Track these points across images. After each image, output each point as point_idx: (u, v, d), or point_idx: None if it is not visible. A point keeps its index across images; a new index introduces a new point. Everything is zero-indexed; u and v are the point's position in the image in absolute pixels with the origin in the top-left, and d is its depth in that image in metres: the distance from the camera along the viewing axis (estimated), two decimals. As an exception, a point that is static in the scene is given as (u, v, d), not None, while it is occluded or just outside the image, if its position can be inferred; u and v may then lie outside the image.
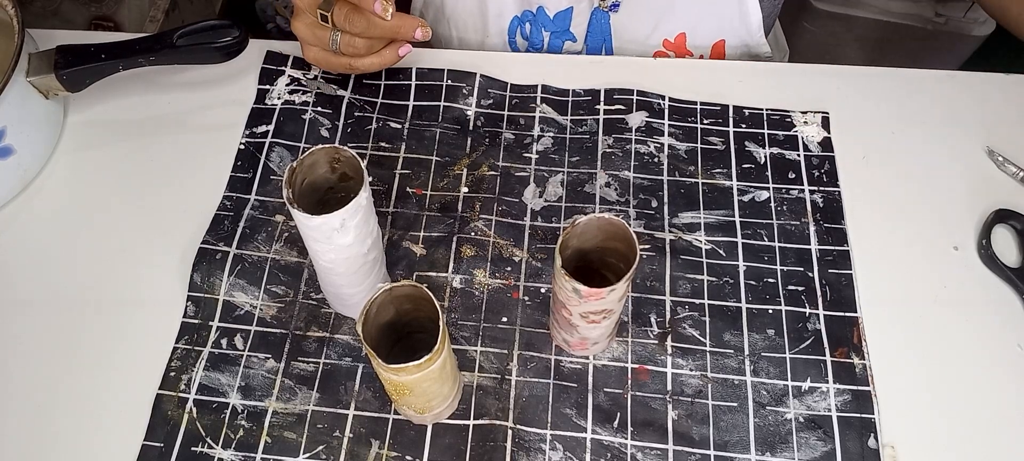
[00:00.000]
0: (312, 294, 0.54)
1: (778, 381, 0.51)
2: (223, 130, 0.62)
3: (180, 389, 0.50)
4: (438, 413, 0.48)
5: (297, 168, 0.44)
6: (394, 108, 0.63)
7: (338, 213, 0.43)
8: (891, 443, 0.49)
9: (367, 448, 0.49)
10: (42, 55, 0.57)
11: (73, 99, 0.64)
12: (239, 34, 0.58)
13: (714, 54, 0.73)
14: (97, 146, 0.62)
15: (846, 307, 0.53)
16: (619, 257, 0.46)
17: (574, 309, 0.46)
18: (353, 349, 0.52)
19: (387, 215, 0.58)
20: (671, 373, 0.51)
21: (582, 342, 0.50)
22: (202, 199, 0.58)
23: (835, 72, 0.65)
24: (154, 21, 1.26)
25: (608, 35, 0.72)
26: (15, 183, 0.59)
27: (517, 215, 0.58)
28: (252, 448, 0.49)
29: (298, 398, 0.50)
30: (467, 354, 0.52)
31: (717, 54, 0.73)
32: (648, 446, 0.49)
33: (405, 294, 0.43)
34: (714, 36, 0.71)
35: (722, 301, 0.54)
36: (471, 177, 0.59)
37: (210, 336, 0.52)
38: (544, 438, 0.49)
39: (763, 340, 0.52)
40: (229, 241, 0.56)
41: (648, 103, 0.63)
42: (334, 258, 0.46)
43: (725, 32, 0.71)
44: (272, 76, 0.64)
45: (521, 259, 0.56)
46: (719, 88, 0.64)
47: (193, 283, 0.54)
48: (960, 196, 0.58)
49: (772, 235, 0.57)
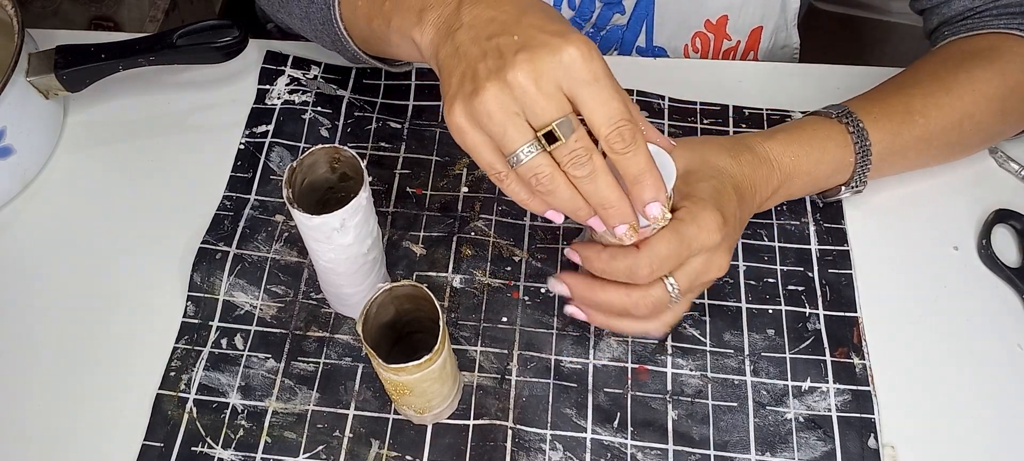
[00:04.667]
0: (312, 294, 0.54)
1: (778, 381, 0.51)
2: (223, 130, 0.62)
3: (180, 389, 0.50)
4: (438, 413, 0.48)
5: (297, 168, 0.44)
6: (394, 108, 0.63)
7: (338, 213, 0.43)
8: (891, 443, 0.49)
9: (367, 448, 0.49)
10: (42, 55, 0.57)
11: (73, 99, 0.64)
12: (239, 34, 0.58)
13: (750, 41, 0.72)
14: (97, 146, 0.62)
15: (846, 307, 0.53)
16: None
17: None
18: (353, 349, 0.52)
19: (387, 215, 0.58)
20: (671, 373, 0.51)
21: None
22: (202, 199, 0.58)
23: (835, 72, 0.65)
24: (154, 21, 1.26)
25: (651, 10, 0.70)
26: (15, 183, 0.59)
27: (517, 215, 0.58)
28: (252, 448, 0.49)
29: (298, 398, 0.50)
30: (467, 354, 0.52)
31: (753, 41, 0.72)
32: (648, 446, 0.49)
33: (405, 294, 0.43)
34: (754, 21, 0.70)
35: (722, 301, 0.54)
36: (471, 177, 0.59)
37: (210, 336, 0.52)
38: (544, 438, 0.49)
39: (763, 340, 0.52)
40: (229, 241, 0.56)
41: (648, 103, 0.63)
42: (334, 258, 0.46)
43: (765, 18, 0.70)
44: (272, 76, 0.64)
45: (521, 259, 0.56)
46: (719, 88, 0.64)
47: (193, 283, 0.54)
48: (960, 196, 0.58)
49: (772, 235, 0.56)
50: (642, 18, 0.70)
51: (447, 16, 0.43)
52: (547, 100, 0.38)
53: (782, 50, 0.74)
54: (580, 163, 0.39)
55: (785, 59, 0.74)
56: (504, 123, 0.38)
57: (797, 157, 0.51)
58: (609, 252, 0.44)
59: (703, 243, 0.44)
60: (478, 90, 0.38)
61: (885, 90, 0.55)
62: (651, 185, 0.40)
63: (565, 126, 0.38)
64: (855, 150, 0.52)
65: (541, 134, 0.38)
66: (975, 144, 0.58)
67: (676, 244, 0.43)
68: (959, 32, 0.57)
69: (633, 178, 0.40)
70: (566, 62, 0.37)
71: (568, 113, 0.38)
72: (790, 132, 0.52)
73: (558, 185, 0.39)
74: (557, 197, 0.40)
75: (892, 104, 0.53)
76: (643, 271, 0.43)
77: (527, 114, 0.38)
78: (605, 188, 0.40)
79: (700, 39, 0.71)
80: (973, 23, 0.57)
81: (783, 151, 0.51)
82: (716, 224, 0.44)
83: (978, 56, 0.54)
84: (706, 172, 0.47)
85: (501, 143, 0.39)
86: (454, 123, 0.40)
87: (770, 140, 0.51)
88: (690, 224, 0.43)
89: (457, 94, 0.39)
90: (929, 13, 0.60)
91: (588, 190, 0.40)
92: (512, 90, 0.38)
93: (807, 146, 0.52)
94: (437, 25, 0.43)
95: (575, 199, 0.40)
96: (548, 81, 0.38)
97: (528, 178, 0.39)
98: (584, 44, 0.38)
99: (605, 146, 0.39)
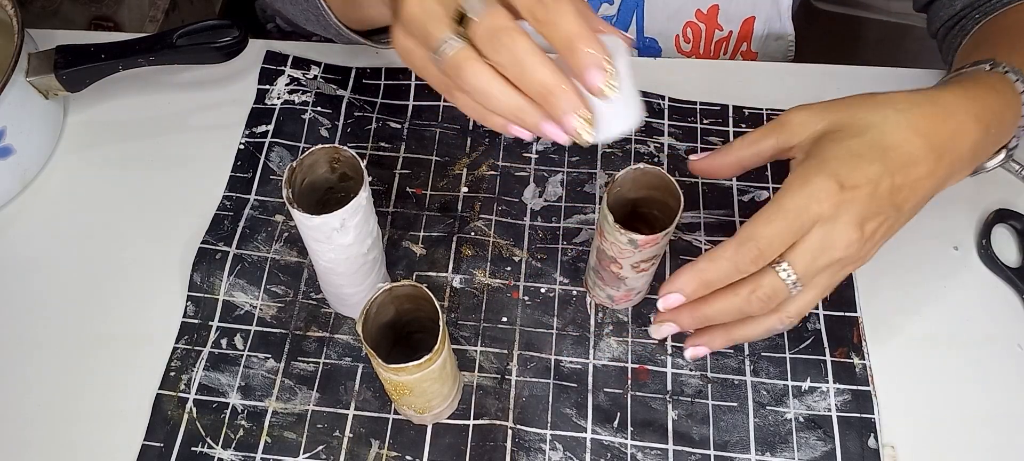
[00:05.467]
0: (312, 294, 0.54)
1: (778, 381, 0.51)
2: (223, 130, 0.62)
3: (180, 389, 0.50)
4: (438, 413, 0.48)
5: (297, 168, 0.44)
6: (394, 108, 0.63)
7: (338, 213, 0.43)
8: (891, 443, 0.49)
9: (367, 448, 0.49)
10: (42, 55, 0.57)
11: (73, 99, 0.64)
12: (239, 34, 0.58)
13: (742, 32, 0.71)
14: (97, 146, 0.62)
15: (846, 307, 0.53)
16: (654, 205, 0.47)
17: (626, 261, 0.46)
18: (353, 349, 0.52)
19: (387, 215, 0.58)
20: (671, 373, 0.51)
21: (627, 295, 0.51)
22: (202, 199, 0.58)
23: (835, 72, 0.65)
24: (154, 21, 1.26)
25: (641, 1, 0.69)
26: (15, 183, 0.59)
27: (517, 215, 0.58)
28: (252, 448, 0.49)
29: (298, 398, 0.50)
30: (467, 354, 0.52)
31: (745, 31, 0.71)
32: (648, 446, 0.49)
33: (405, 294, 0.43)
34: (746, 11, 0.70)
35: (722, 301, 0.54)
36: (471, 177, 0.59)
37: (210, 336, 0.52)
38: (544, 438, 0.49)
39: (763, 340, 0.52)
40: (229, 241, 0.56)
41: (648, 103, 0.63)
42: (334, 258, 0.46)
43: (757, 9, 0.70)
44: (272, 76, 0.64)
45: (521, 259, 0.56)
46: (719, 88, 0.64)
47: (193, 283, 0.54)
48: (960, 196, 0.58)
49: (772, 235, 0.56)
50: (632, 8, 0.69)
51: None
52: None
53: (776, 42, 0.73)
54: (499, 43, 0.34)
55: (780, 51, 0.74)
56: (423, 20, 0.35)
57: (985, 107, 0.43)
58: (703, 257, 0.40)
59: (814, 214, 0.38)
60: None
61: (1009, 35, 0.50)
62: (584, 45, 0.34)
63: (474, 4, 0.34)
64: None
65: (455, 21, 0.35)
66: None
67: (779, 218, 0.38)
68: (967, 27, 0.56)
69: (564, 43, 0.34)
70: None
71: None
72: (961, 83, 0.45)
73: (483, 77, 0.35)
74: (489, 95, 0.35)
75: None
76: (747, 255, 0.38)
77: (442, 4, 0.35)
78: (536, 66, 0.34)
79: (691, 29, 0.71)
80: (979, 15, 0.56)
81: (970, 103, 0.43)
82: (826, 191, 0.38)
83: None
84: (849, 131, 0.40)
85: (426, 45, 0.36)
86: (396, 45, 0.38)
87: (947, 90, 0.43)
88: (796, 193, 0.38)
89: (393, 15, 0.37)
90: (932, 12, 0.60)
91: (517, 75, 0.35)
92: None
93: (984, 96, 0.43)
94: None
95: (507, 92, 0.35)
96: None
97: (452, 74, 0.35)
98: None
99: (528, 18, 0.34)
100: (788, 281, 0.39)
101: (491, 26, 0.34)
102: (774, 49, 0.74)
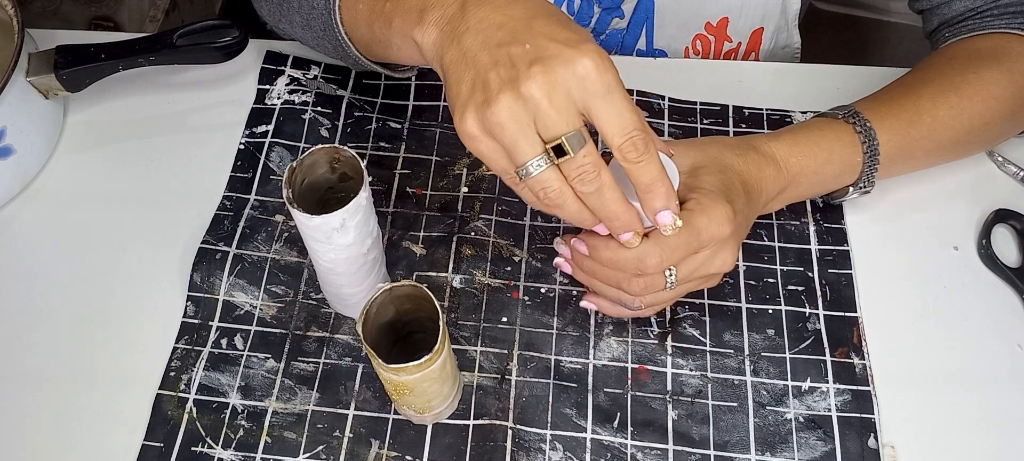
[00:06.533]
0: (312, 294, 0.54)
1: (778, 381, 0.51)
2: (223, 130, 0.62)
3: (180, 389, 0.50)
4: (438, 413, 0.48)
5: (297, 168, 0.44)
6: (394, 108, 0.63)
7: (338, 213, 0.43)
8: (891, 443, 0.49)
9: (367, 448, 0.49)
10: (42, 55, 0.57)
11: (73, 99, 0.64)
12: (239, 34, 0.58)
13: (751, 43, 0.72)
14: (97, 146, 0.62)
15: (846, 307, 0.53)
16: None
17: None
18: (353, 349, 0.52)
19: (387, 215, 0.58)
20: (671, 373, 0.51)
21: None
22: (202, 199, 0.58)
23: (835, 72, 0.65)
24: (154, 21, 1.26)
25: (651, 13, 0.69)
26: (15, 183, 0.59)
27: (517, 215, 0.58)
28: (252, 448, 0.49)
29: (298, 398, 0.50)
30: (467, 354, 0.52)
31: (754, 43, 0.72)
32: (648, 446, 0.49)
33: (405, 294, 0.43)
34: (755, 23, 0.70)
35: (722, 301, 0.54)
36: (471, 177, 0.59)
37: (210, 336, 0.52)
38: (544, 438, 0.49)
39: (763, 340, 0.52)
40: (229, 241, 0.56)
41: (648, 103, 0.63)
42: (334, 258, 0.46)
43: (766, 20, 0.70)
44: (272, 76, 0.64)
45: (521, 259, 0.56)
46: (719, 88, 0.64)
47: (193, 283, 0.54)
48: (960, 196, 0.58)
49: (772, 235, 0.56)
50: (641, 22, 0.70)
51: (450, 16, 0.42)
52: (559, 113, 0.38)
53: (783, 50, 0.74)
54: (588, 179, 0.39)
55: (786, 59, 0.74)
56: (516, 136, 0.38)
57: (804, 157, 0.51)
58: (616, 243, 0.44)
59: (713, 234, 0.44)
60: (490, 101, 0.38)
61: (892, 91, 0.55)
62: (663, 193, 0.40)
63: (575, 140, 0.38)
64: (863, 150, 0.51)
65: (551, 147, 0.38)
66: (982, 144, 0.58)
67: (686, 235, 0.43)
68: (960, 33, 0.57)
69: (645, 187, 0.40)
70: (580, 74, 0.37)
71: (579, 127, 0.38)
72: (796, 133, 0.52)
73: (566, 199, 0.40)
74: (564, 209, 0.41)
75: (900, 104, 0.53)
76: (652, 261, 0.43)
77: (538, 126, 0.38)
78: (612, 203, 0.40)
79: (701, 41, 0.71)
80: (974, 24, 0.57)
81: (790, 151, 0.51)
82: (726, 216, 0.44)
83: (984, 56, 0.54)
84: (714, 167, 0.47)
85: (511, 155, 0.39)
86: (466, 131, 0.40)
87: (776, 140, 0.51)
88: (701, 215, 0.44)
89: (468, 102, 0.39)
90: (929, 14, 0.60)
91: (594, 204, 0.40)
92: (525, 103, 0.37)
93: (814, 146, 0.51)
94: (440, 26, 0.43)
95: (582, 211, 0.41)
96: (561, 94, 0.37)
97: (536, 191, 0.40)
98: (597, 55, 0.38)
99: (618, 156, 0.39)
100: (669, 281, 0.45)
101: (586, 164, 0.39)
102: (781, 58, 0.74)
